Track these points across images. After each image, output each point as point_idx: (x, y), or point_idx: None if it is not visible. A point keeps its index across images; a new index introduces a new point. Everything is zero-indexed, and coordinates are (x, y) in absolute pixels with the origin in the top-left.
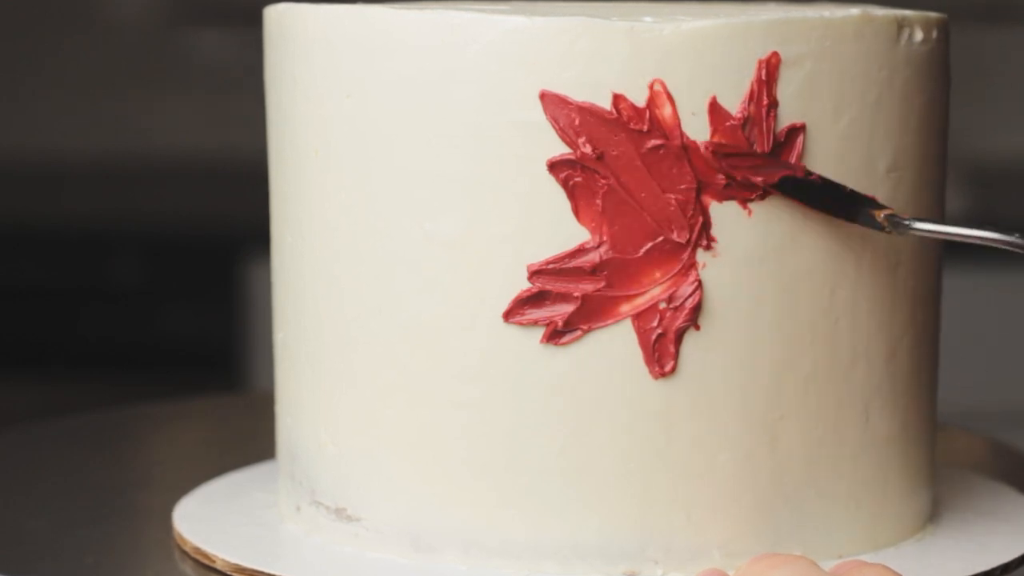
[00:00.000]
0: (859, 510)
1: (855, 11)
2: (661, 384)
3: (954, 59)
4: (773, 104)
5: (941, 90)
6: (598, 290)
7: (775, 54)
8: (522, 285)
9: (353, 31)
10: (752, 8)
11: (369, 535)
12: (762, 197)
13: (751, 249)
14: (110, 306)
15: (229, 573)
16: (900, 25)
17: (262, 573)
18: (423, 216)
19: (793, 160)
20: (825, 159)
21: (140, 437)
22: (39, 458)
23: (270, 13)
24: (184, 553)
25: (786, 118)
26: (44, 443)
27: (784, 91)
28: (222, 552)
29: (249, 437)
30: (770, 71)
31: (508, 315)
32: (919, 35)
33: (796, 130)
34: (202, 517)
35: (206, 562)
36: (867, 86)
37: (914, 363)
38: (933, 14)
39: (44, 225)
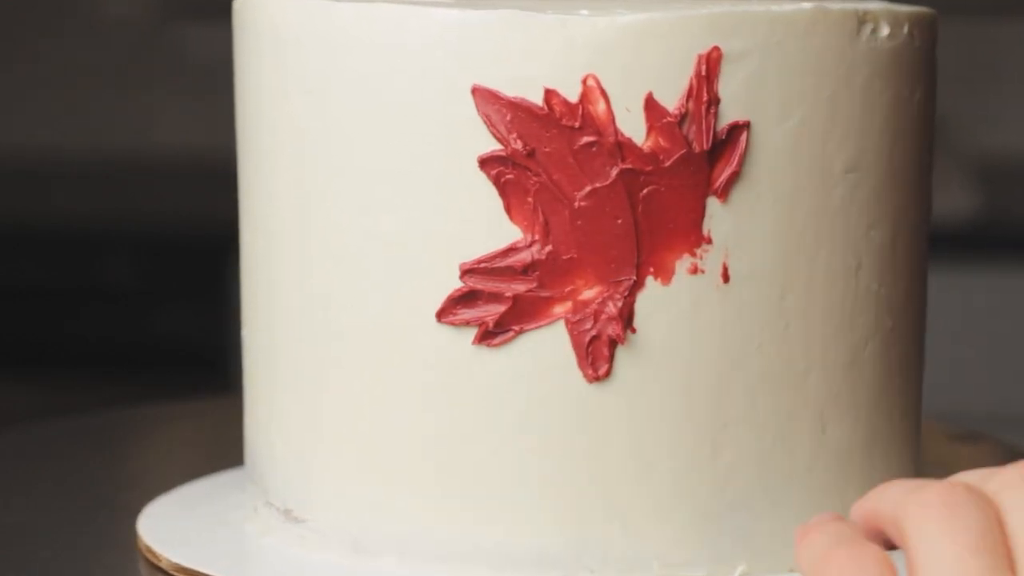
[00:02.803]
0: None
1: (807, 5)
2: (595, 388)
3: (964, 55)
4: (714, 101)
5: (915, 88)
6: (530, 290)
7: (716, 49)
8: (456, 284)
9: (297, 24)
10: (697, 1)
11: (313, 537)
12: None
13: None
14: (104, 306)
15: (172, 572)
16: (861, 20)
17: (199, 573)
18: (364, 214)
19: (736, 159)
20: (772, 158)
21: (137, 438)
22: (36, 459)
23: (234, 6)
24: (140, 552)
25: (729, 115)
26: (40, 444)
27: (727, 88)
28: (168, 552)
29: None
30: (710, 67)
31: (441, 315)
32: (884, 30)
33: (739, 128)
34: (170, 516)
35: (154, 560)
36: (821, 83)
37: (880, 370)
38: (906, 8)
39: (38, 225)
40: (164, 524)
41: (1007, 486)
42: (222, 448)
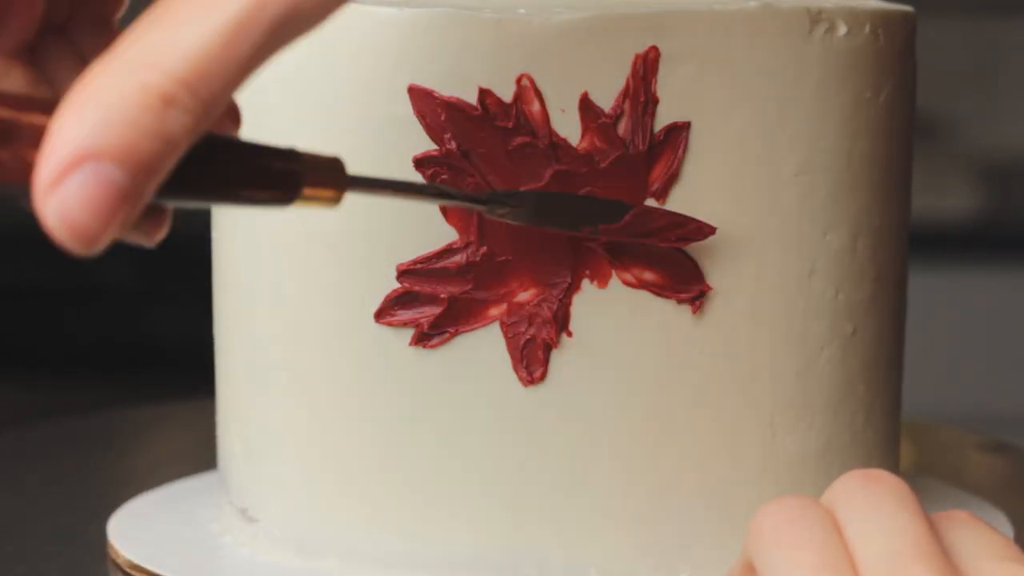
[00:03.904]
0: None
1: (754, 3)
2: (531, 392)
3: (967, 53)
4: (651, 101)
5: (880, 88)
6: (465, 292)
7: (653, 48)
8: (394, 285)
9: None
10: (638, 1)
11: (264, 537)
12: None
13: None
14: (103, 306)
15: (127, 570)
16: (814, 19)
17: (148, 571)
18: (305, 213)
19: (674, 160)
20: (714, 160)
21: (136, 438)
22: (34, 460)
23: None
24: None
25: (669, 116)
26: (40, 445)
27: (666, 88)
28: (125, 549)
29: None
30: (648, 67)
31: (379, 315)
32: (842, 29)
33: (677, 129)
34: (143, 513)
35: (114, 557)
36: (768, 84)
37: (839, 377)
38: (870, 6)
39: (36, 224)
40: (134, 522)
41: (844, 497)
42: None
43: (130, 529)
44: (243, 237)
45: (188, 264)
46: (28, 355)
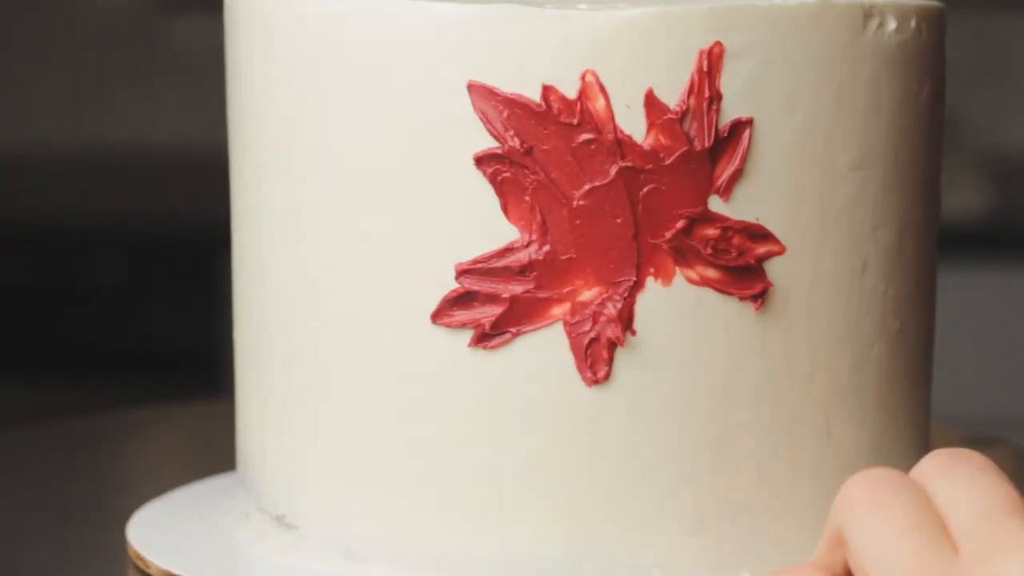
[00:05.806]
0: (821, 529)
1: None
2: (595, 392)
3: (976, 50)
4: (715, 97)
5: (923, 83)
6: (527, 291)
7: (717, 44)
8: (451, 285)
9: (289, 17)
10: None
11: (305, 544)
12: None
13: None
14: (92, 307)
15: None
16: (867, 13)
17: None
18: (357, 214)
19: (738, 157)
20: (776, 155)
21: (128, 442)
22: (26, 463)
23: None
24: (130, 559)
25: (732, 112)
26: (31, 448)
27: (729, 83)
28: (157, 559)
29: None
30: (712, 62)
31: (436, 316)
32: (891, 24)
33: (741, 125)
34: (160, 522)
35: (143, 567)
36: (825, 78)
37: (887, 372)
38: (914, 1)
39: (22, 222)
40: (154, 530)
41: (933, 470)
42: (213, 452)
43: (154, 539)
44: (281, 236)
45: (184, 266)
46: (23, 356)
